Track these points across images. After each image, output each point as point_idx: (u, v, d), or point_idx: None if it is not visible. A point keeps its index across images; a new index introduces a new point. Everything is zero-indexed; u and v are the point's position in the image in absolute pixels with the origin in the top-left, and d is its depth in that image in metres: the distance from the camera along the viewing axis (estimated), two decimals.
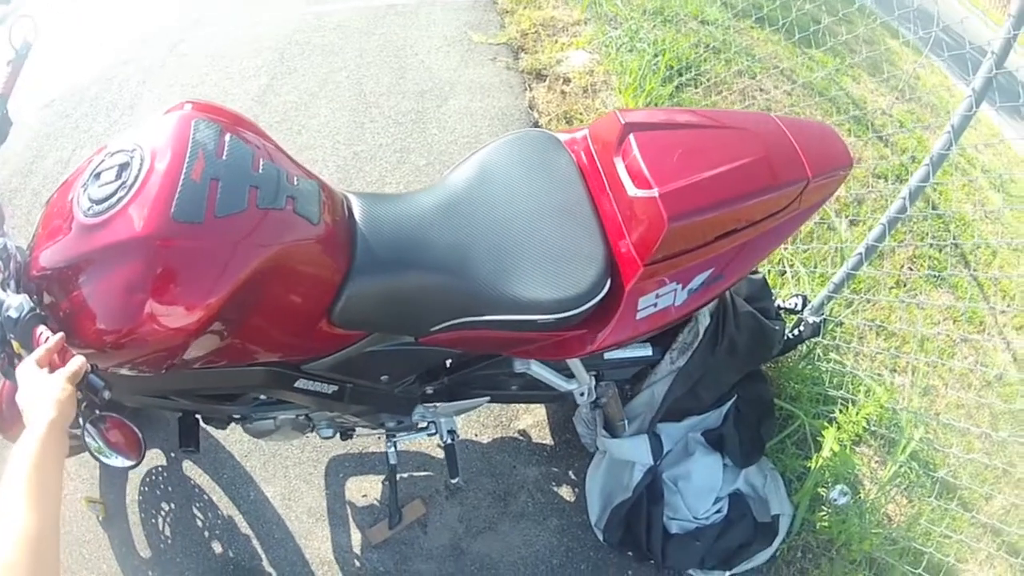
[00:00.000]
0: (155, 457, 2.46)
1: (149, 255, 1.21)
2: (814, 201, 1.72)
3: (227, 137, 1.35)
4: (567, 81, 3.95)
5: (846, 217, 3.22)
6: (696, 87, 3.79)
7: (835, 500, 2.21)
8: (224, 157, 1.32)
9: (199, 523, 2.35)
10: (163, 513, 2.36)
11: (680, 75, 3.77)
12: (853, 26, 4.47)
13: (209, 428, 2.29)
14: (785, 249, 2.96)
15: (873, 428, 2.48)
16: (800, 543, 2.33)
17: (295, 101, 3.83)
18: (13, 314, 1.20)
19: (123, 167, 1.28)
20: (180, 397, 1.67)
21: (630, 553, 2.30)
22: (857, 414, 2.26)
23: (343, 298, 1.46)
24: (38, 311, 1.22)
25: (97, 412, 1.22)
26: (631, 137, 1.56)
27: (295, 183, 1.40)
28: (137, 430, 1.31)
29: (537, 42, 4.25)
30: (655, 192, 1.47)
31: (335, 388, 1.68)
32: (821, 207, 1.81)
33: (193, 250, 1.24)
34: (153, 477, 2.43)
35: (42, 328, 1.19)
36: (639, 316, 1.61)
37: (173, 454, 2.47)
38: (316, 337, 1.51)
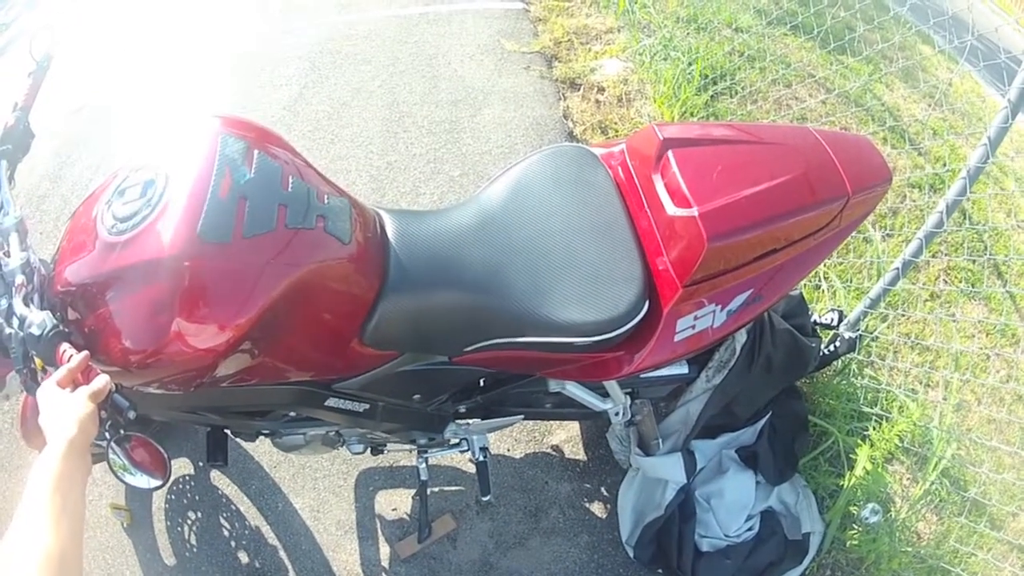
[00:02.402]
0: (183, 466, 2.47)
1: (175, 275, 1.18)
2: (854, 218, 1.66)
3: (255, 154, 1.33)
4: (601, 90, 3.90)
5: (881, 229, 3.14)
6: (731, 96, 3.73)
7: (867, 519, 2.17)
8: (252, 175, 1.29)
9: (226, 532, 2.34)
10: (189, 522, 2.36)
11: (715, 84, 3.71)
12: (886, 33, 4.39)
13: (238, 439, 2.28)
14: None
15: (906, 446, 2.42)
16: (829, 561, 2.28)
17: (327, 111, 3.83)
18: (36, 331, 1.18)
19: (148, 184, 1.27)
20: (209, 413, 1.64)
21: (660, 571, 2.26)
22: (890, 431, 2.21)
23: (375, 317, 1.43)
24: (61, 328, 1.19)
25: (122, 431, 1.19)
26: (670, 153, 1.52)
27: (325, 201, 1.37)
28: (162, 449, 1.29)
29: (570, 50, 4.21)
30: (695, 211, 1.43)
31: (366, 406, 1.66)
32: (860, 224, 1.75)
33: (220, 270, 1.21)
34: (180, 486, 2.43)
35: (65, 345, 1.16)
36: (677, 338, 1.57)
37: (201, 463, 2.47)
38: (347, 356, 1.49)
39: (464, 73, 4.10)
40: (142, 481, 1.31)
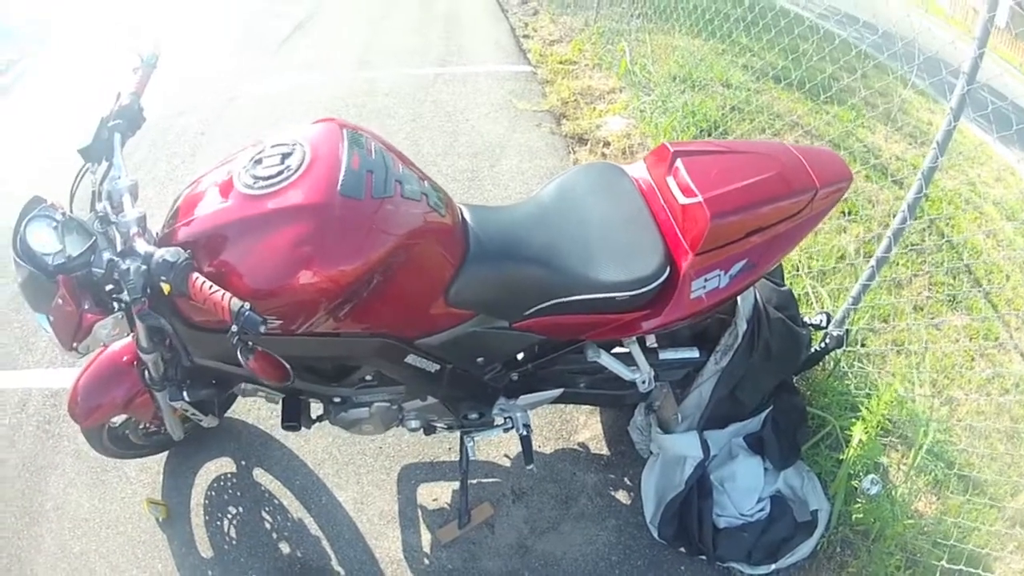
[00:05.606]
0: (225, 465, 2.75)
1: (318, 219, 1.59)
2: (822, 207, 2.17)
3: (372, 143, 1.81)
4: (607, 144, 4.46)
5: (865, 254, 3.58)
6: None
7: (868, 489, 2.46)
8: (373, 156, 1.75)
9: (267, 525, 2.58)
10: (229, 516, 2.60)
11: (709, 134, 4.26)
12: (853, 71, 4.91)
13: (288, 437, 2.56)
14: (808, 273, 3.36)
15: (894, 419, 2.78)
16: (838, 537, 2.56)
17: None
18: (170, 258, 1.39)
19: (286, 154, 1.68)
20: (300, 367, 1.88)
21: (683, 549, 2.55)
22: (878, 405, 2.51)
23: (458, 281, 1.88)
24: (191, 260, 1.43)
25: (250, 344, 1.46)
26: (678, 160, 2.06)
27: (425, 184, 1.86)
28: (282, 359, 1.64)
29: (577, 109, 4.79)
30: (700, 198, 1.95)
31: (437, 367, 2.06)
32: (828, 213, 2.26)
33: (353, 220, 1.63)
34: (221, 483, 2.70)
35: (196, 274, 1.38)
36: (692, 296, 2.05)
37: (243, 461, 2.75)
38: (433, 313, 1.92)
39: (481, 129, 4.62)
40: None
